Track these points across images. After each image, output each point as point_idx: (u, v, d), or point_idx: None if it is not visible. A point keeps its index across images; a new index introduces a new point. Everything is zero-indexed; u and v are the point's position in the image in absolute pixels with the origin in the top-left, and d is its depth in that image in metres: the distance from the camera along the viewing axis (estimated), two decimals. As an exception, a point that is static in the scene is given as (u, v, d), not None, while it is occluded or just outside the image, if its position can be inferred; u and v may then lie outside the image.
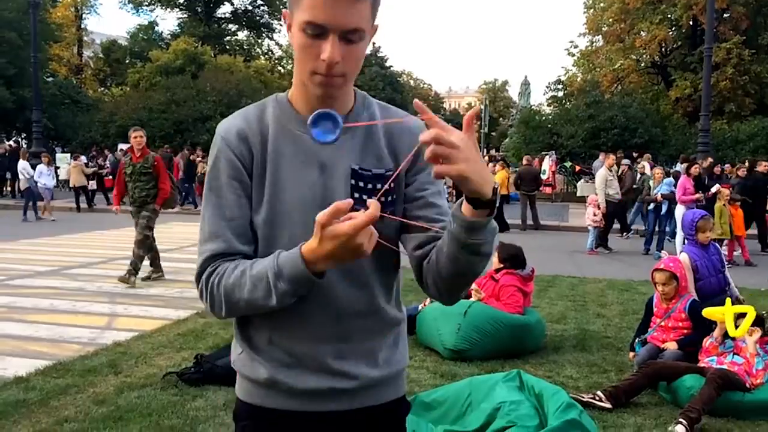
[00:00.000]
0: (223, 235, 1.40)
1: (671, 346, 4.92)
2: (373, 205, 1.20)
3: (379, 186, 1.41)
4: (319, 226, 1.22)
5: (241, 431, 1.53)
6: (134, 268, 8.10)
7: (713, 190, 11.51)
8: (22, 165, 16.17)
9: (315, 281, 1.30)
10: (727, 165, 18.63)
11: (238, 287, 1.35)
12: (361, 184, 1.41)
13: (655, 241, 11.94)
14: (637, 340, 5.19)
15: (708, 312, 4.76)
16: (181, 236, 13.22)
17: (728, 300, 4.86)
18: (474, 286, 5.80)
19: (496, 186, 1.24)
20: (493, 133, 55.42)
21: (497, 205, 1.26)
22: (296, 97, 1.44)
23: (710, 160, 14.40)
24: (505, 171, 15.31)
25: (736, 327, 4.54)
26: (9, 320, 6.36)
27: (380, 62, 52.90)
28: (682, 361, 4.69)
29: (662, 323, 5.05)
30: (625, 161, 15.62)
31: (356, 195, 1.40)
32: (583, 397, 4.24)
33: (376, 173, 1.42)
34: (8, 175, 21.53)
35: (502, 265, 5.74)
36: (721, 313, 4.66)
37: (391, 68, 54.91)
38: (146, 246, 8.28)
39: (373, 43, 70.96)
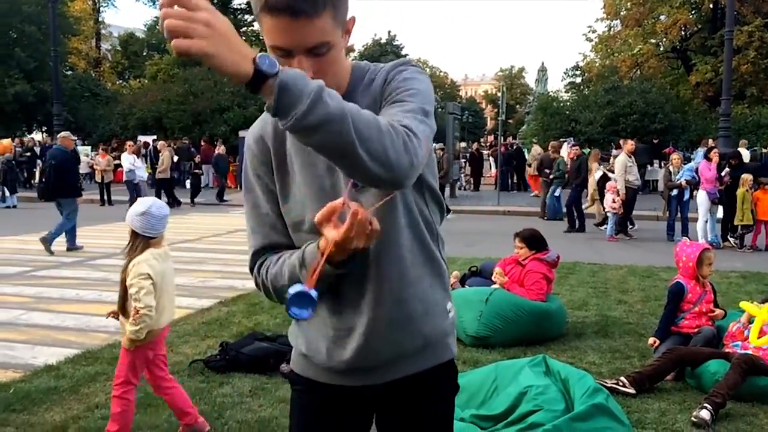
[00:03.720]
0: (260, 230, 1.56)
1: None
2: (354, 209, 1.26)
3: None
4: (318, 225, 1.31)
5: (294, 394, 1.68)
6: None
7: (723, 174, 11.42)
8: (130, 159, 15.42)
9: (333, 271, 1.37)
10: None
11: (279, 275, 1.48)
12: None
13: (679, 227, 11.83)
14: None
15: (745, 304, 4.81)
16: (201, 227, 13.34)
17: (766, 305, 4.80)
18: (497, 269, 5.82)
19: (257, 58, 1.11)
20: (510, 121, 55.07)
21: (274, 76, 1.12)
22: None
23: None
24: None
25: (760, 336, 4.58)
26: (37, 310, 6.48)
27: (396, 50, 52.74)
28: (708, 345, 4.69)
29: (695, 308, 5.02)
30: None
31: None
32: (606, 383, 4.24)
33: None
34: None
35: (530, 253, 5.72)
36: (755, 312, 4.67)
37: (407, 57, 54.71)
38: None
39: (389, 31, 70.81)
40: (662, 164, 22.01)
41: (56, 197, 9.92)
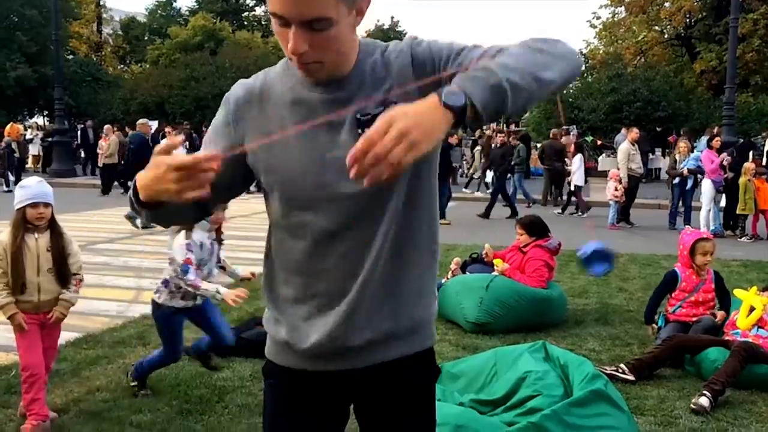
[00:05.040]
0: None
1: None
2: (212, 154, 1.26)
3: None
4: (156, 152, 1.29)
5: (267, 388, 1.64)
6: None
7: (721, 158, 11.36)
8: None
9: (137, 206, 1.39)
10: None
11: None
12: (367, 129, 1.36)
13: (681, 216, 11.81)
14: (659, 314, 5.15)
15: (737, 292, 4.85)
16: (203, 212, 13.34)
17: (753, 288, 4.84)
18: (487, 246, 5.88)
19: (444, 101, 1.17)
20: (513, 108, 54.79)
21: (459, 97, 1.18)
22: None
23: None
24: None
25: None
26: (38, 294, 6.49)
27: (398, 37, 52.48)
28: (708, 333, 4.69)
29: (691, 297, 5.01)
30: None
31: None
32: (606, 370, 4.25)
33: (376, 113, 1.36)
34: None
35: (531, 240, 5.73)
36: (743, 297, 4.73)
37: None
38: None
39: (392, 17, 70.31)
40: (665, 153, 21.96)
41: (133, 179, 10.67)
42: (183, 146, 12.32)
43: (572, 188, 14.10)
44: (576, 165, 13.83)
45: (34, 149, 23.56)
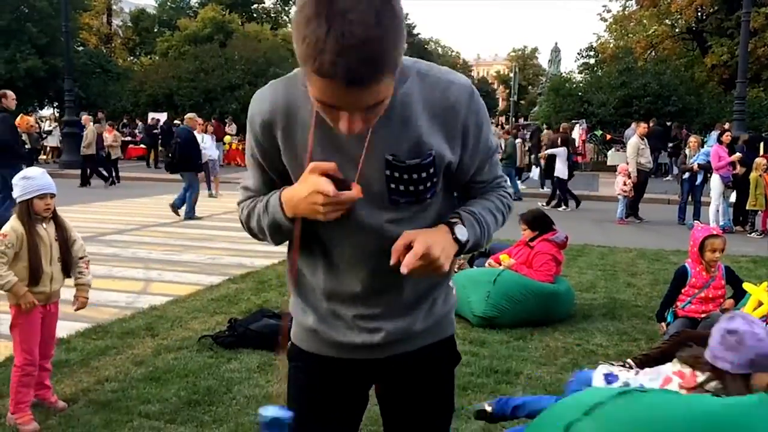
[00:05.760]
0: (256, 179, 1.59)
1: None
2: (356, 189, 1.34)
3: (414, 176, 1.42)
4: (310, 168, 1.35)
5: (292, 371, 1.70)
6: None
7: (733, 158, 11.24)
8: (197, 138, 13.57)
9: (283, 223, 1.45)
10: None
11: (251, 216, 1.57)
12: (396, 174, 1.41)
13: (690, 211, 11.73)
14: (669, 311, 5.12)
15: (747, 285, 4.82)
16: (211, 204, 13.38)
17: (765, 283, 4.80)
18: (491, 261, 5.86)
19: (457, 236, 1.45)
20: (522, 102, 54.62)
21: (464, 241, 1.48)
22: None
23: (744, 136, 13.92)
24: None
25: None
26: (48, 284, 6.53)
27: (408, 29, 52.29)
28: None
29: (701, 294, 4.97)
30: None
31: (392, 186, 1.42)
32: (613, 365, 4.24)
33: (410, 164, 1.41)
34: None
35: (535, 234, 5.72)
36: (751, 290, 4.69)
37: (419, 36, 54.34)
38: None
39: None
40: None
41: (180, 171, 11.30)
42: (212, 139, 12.54)
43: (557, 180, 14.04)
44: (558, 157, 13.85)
45: (53, 141, 23.69)
